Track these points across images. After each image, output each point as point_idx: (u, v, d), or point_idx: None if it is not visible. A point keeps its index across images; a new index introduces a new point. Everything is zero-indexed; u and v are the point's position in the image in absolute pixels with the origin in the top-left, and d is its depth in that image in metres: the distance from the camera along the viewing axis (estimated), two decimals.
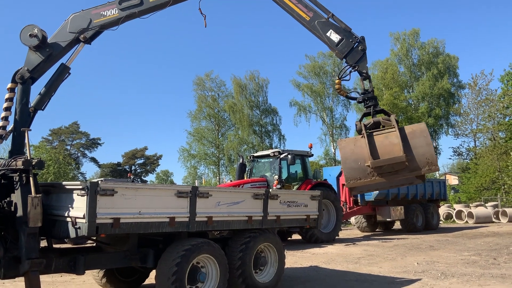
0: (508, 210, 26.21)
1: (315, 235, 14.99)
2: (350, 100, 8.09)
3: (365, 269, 9.48)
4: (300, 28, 7.80)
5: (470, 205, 31.36)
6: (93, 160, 66.84)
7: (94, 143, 67.00)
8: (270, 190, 7.19)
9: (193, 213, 5.89)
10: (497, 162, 37.84)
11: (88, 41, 6.97)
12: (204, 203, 6.05)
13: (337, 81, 7.62)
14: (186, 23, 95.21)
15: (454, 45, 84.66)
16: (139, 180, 64.32)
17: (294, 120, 52.38)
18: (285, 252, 7.65)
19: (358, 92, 7.87)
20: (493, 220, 26.10)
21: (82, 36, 6.80)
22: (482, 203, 32.88)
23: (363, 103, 7.58)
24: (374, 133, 6.99)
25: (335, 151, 49.55)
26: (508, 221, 25.09)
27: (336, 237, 16.32)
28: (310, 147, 16.79)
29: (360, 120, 7.35)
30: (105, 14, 6.95)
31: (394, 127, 6.85)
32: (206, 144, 52.51)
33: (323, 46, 8.29)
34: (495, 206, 30.02)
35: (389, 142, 6.73)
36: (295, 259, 11.29)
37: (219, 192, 6.49)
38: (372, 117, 7.27)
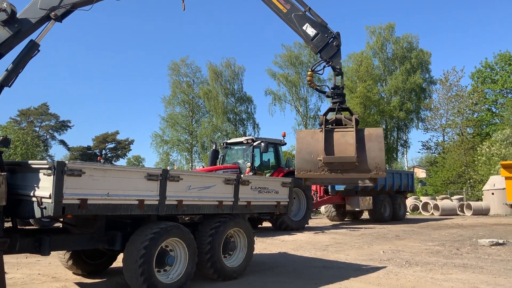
0: (472, 203, 27.07)
1: (285, 222, 15.14)
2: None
3: (332, 256, 9.64)
4: (277, 17, 7.81)
5: (437, 197, 32.23)
6: (62, 142, 65.48)
7: (63, 126, 65.56)
8: (242, 175, 7.20)
9: (163, 196, 5.85)
10: (464, 157, 38.96)
11: (59, 19, 6.75)
12: (175, 187, 6.01)
13: (309, 73, 7.69)
14: (162, 6, 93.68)
15: (428, 41, 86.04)
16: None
17: (269, 109, 52.62)
18: (254, 238, 7.71)
19: (328, 87, 7.97)
20: (458, 212, 26.92)
21: (53, 13, 6.59)
22: (448, 196, 33.82)
23: (331, 98, 7.69)
24: (335, 130, 7.13)
25: None
26: (472, 214, 25.92)
27: (306, 225, 16.55)
28: (284, 136, 16.88)
29: (324, 114, 7.47)
30: None
31: (352, 127, 7.00)
32: (179, 130, 52.17)
33: (300, 37, 8.38)
34: (460, 200, 30.99)
35: (344, 140, 6.92)
36: (264, 245, 11.39)
37: (190, 176, 6.46)
38: (336, 114, 7.38)
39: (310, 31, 7.48)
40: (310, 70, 7.74)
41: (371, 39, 50.13)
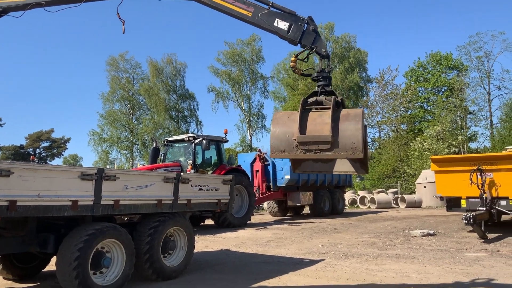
0: (406, 196, 28.39)
1: (227, 219, 15.16)
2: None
3: (273, 251, 9.80)
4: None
5: (373, 191, 33.49)
6: None
7: None
8: (182, 173, 7.14)
9: (98, 196, 5.69)
10: (399, 152, 40.76)
11: None
12: (111, 186, 5.86)
13: (292, 59, 7.60)
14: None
15: (364, 41, 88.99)
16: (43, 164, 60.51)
17: (212, 106, 52.38)
18: (197, 237, 7.70)
19: (314, 69, 7.94)
20: (393, 205, 28.15)
21: None
22: (384, 190, 35.26)
23: (316, 82, 7.70)
24: (312, 110, 7.18)
25: (251, 138, 50.36)
26: (406, 206, 27.19)
27: (248, 221, 16.66)
28: (225, 133, 16.87)
29: (306, 97, 7.49)
30: None
31: (330, 107, 7.08)
32: (119, 128, 50.82)
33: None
34: (395, 193, 32.42)
35: (321, 120, 6.92)
36: (206, 243, 11.36)
37: (127, 175, 6.32)
38: (318, 96, 7.44)
39: (283, 25, 7.37)
40: (293, 56, 7.68)
41: None
